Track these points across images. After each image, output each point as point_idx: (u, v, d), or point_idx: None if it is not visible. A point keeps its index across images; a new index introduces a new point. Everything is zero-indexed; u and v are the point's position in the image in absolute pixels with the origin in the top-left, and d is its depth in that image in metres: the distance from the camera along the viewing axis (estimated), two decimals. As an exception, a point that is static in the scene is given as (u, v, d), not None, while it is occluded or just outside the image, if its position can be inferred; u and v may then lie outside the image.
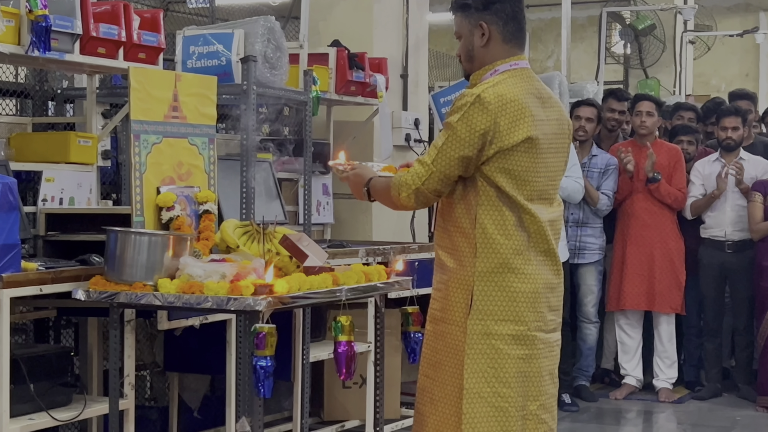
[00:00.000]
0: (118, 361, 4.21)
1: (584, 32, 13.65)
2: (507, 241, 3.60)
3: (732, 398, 7.56)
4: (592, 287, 7.46)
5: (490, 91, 3.56)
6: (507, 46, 3.70)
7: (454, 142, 3.55)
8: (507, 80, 3.62)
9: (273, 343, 3.78)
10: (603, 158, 7.40)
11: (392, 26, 7.06)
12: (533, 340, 3.65)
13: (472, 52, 3.72)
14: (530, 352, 3.65)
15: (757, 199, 7.25)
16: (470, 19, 3.71)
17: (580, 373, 7.52)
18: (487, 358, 3.60)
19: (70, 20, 4.59)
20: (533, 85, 3.69)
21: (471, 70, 3.75)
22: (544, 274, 3.67)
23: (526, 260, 3.62)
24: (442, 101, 7.49)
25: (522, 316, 3.63)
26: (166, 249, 4.07)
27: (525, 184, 3.61)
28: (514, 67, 3.68)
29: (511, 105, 3.56)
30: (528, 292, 3.63)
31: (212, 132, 4.67)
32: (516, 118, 3.56)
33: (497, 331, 3.60)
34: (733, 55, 14.69)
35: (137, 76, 4.35)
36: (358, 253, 5.68)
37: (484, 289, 3.61)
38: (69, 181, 4.98)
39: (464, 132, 3.54)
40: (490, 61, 3.69)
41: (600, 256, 7.47)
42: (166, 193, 4.41)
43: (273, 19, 5.51)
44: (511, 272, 3.61)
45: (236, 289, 3.87)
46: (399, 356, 6.03)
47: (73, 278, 4.14)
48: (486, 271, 3.60)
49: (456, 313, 3.65)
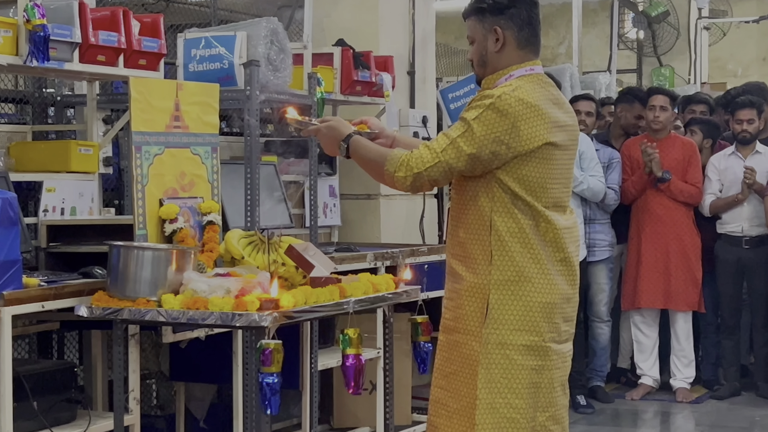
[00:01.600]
0: (123, 376, 4.18)
1: (596, 17, 13.49)
2: (523, 249, 3.55)
3: (751, 397, 7.46)
4: (603, 285, 7.36)
5: (510, 94, 3.51)
6: (522, 52, 3.64)
7: (467, 139, 3.49)
8: (524, 85, 3.57)
9: (279, 360, 3.72)
10: (606, 152, 7.30)
11: (398, 21, 6.97)
12: (547, 351, 3.61)
13: (485, 57, 3.66)
14: (543, 363, 3.61)
15: None
16: (484, 24, 3.64)
17: (594, 373, 7.42)
18: (501, 368, 3.57)
19: (68, 29, 4.52)
20: (549, 91, 3.64)
21: (483, 75, 3.69)
22: (560, 285, 3.62)
23: (543, 270, 3.57)
24: (450, 97, 7.41)
25: (537, 326, 3.58)
26: (169, 263, 4.03)
27: (542, 191, 3.56)
28: (530, 72, 3.63)
29: (531, 110, 3.51)
30: (544, 303, 3.58)
31: (215, 140, 4.61)
32: (536, 124, 3.51)
33: (512, 341, 3.56)
34: (749, 39, 14.49)
35: (138, 87, 4.29)
36: (366, 258, 5.61)
37: (501, 299, 3.56)
38: (70, 191, 4.92)
39: (480, 132, 3.48)
40: (504, 67, 3.63)
41: (610, 252, 7.37)
42: (168, 205, 4.36)
43: (276, 20, 5.44)
44: (528, 282, 3.56)
45: (241, 304, 3.83)
46: (409, 361, 5.95)
47: (76, 293, 4.09)
48: (502, 281, 3.55)
49: (470, 323, 3.60)
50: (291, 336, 4.79)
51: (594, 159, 7.02)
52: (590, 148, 7.02)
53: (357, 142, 3.68)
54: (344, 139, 3.68)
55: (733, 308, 7.48)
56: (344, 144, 3.68)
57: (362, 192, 6.65)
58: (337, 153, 3.74)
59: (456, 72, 10.03)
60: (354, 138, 3.69)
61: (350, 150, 3.68)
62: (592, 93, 8.26)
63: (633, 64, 12.30)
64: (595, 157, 7.06)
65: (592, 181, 6.91)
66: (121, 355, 4.14)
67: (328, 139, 3.73)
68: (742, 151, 7.36)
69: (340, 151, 3.70)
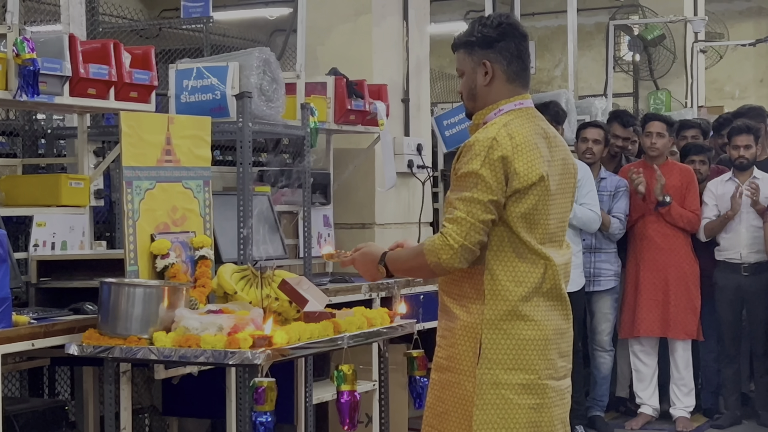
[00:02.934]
0: (114, 414, 4.15)
1: (592, 40, 13.53)
2: (516, 287, 3.51)
3: (752, 425, 7.40)
4: (607, 315, 7.30)
5: (503, 131, 3.49)
6: (511, 86, 3.62)
7: (483, 188, 3.45)
8: (514, 121, 3.55)
9: (273, 398, 3.71)
10: (612, 181, 7.25)
11: (392, 49, 6.95)
12: (544, 388, 3.56)
13: (474, 90, 3.64)
14: (541, 401, 3.56)
15: None
16: (473, 57, 3.62)
17: (594, 403, 7.35)
18: (496, 408, 3.51)
19: (58, 62, 4.51)
20: (539, 125, 3.62)
21: (474, 108, 3.67)
22: (553, 319, 3.58)
23: (534, 306, 3.54)
24: (445, 123, 7.40)
25: (532, 364, 3.54)
26: (161, 300, 4.01)
27: (537, 227, 3.53)
28: (519, 107, 3.61)
29: (524, 146, 3.49)
30: (537, 339, 3.54)
31: (207, 174, 4.60)
32: (530, 159, 3.49)
33: (507, 381, 3.51)
34: (746, 61, 14.53)
35: (129, 121, 4.29)
36: (360, 289, 5.58)
37: (493, 337, 3.51)
38: (61, 225, 4.89)
39: (491, 177, 3.45)
40: (493, 101, 3.61)
41: (615, 282, 7.29)
42: (160, 240, 4.34)
43: (268, 50, 5.42)
44: (519, 319, 3.52)
45: (234, 341, 3.82)
46: (405, 393, 5.89)
47: (66, 331, 4.08)
48: (494, 319, 3.51)
49: (464, 362, 3.56)
50: (285, 370, 4.77)
51: (589, 188, 6.93)
52: (587, 177, 6.93)
53: (392, 257, 3.65)
54: (380, 260, 3.66)
55: (732, 336, 7.42)
56: (381, 265, 3.66)
57: (357, 221, 6.62)
58: (378, 277, 3.71)
59: (451, 96, 10.04)
60: (388, 255, 3.66)
61: (389, 268, 3.65)
62: (588, 118, 8.23)
63: (629, 87, 12.32)
64: (592, 187, 6.97)
65: (580, 210, 6.78)
66: (112, 393, 4.11)
67: (364, 265, 3.71)
68: (740, 176, 7.32)
69: (380, 273, 3.67)
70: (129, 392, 4.36)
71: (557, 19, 13.13)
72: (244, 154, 5.04)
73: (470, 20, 3.83)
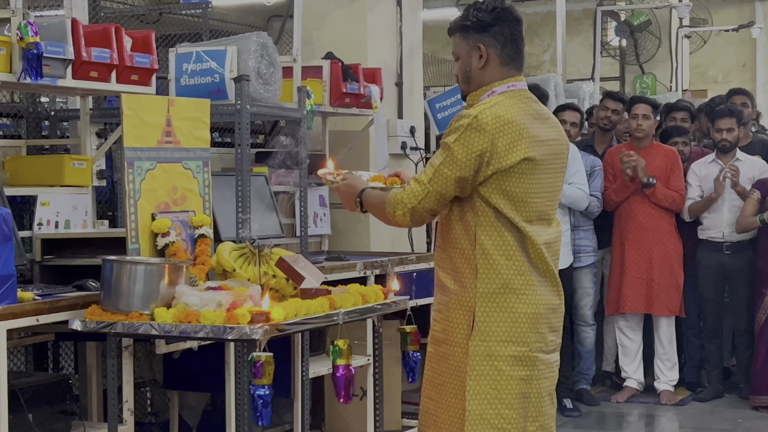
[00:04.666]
0: (117, 388, 4.20)
1: (580, 25, 13.59)
2: (508, 261, 3.60)
3: (734, 399, 7.55)
4: (588, 290, 7.46)
5: (488, 112, 3.55)
6: (504, 69, 3.69)
7: (451, 163, 3.55)
8: (504, 101, 3.61)
9: (271, 372, 3.76)
10: (588, 160, 7.37)
11: (386, 34, 7.03)
12: (534, 361, 3.65)
13: (469, 73, 3.72)
14: (531, 373, 3.65)
15: (755, 196, 7.24)
16: (468, 41, 3.70)
17: (580, 376, 7.51)
18: (489, 379, 3.60)
19: (61, 46, 4.57)
20: (531, 106, 3.68)
21: (468, 91, 3.75)
22: (545, 295, 3.66)
23: (527, 282, 3.62)
24: (437, 107, 7.48)
25: (524, 337, 3.62)
26: (161, 277, 4.06)
27: (523, 206, 3.60)
28: (512, 88, 3.67)
29: (509, 126, 3.55)
30: (530, 313, 3.62)
31: (206, 155, 4.66)
32: (514, 139, 3.55)
33: (499, 353, 3.60)
34: (729, 46, 14.59)
35: (130, 103, 4.34)
36: (355, 267, 5.66)
37: (486, 311, 3.60)
38: (64, 205, 4.95)
39: (461, 153, 3.53)
40: (487, 83, 3.68)
41: (594, 257, 7.46)
42: (161, 219, 4.40)
43: (266, 34, 5.49)
44: (512, 293, 3.60)
45: (233, 317, 3.86)
46: (399, 367, 6.01)
47: (70, 307, 4.13)
48: (487, 293, 3.60)
49: (458, 335, 3.64)
50: (282, 345, 4.83)
51: (578, 168, 7.09)
52: (576, 157, 7.09)
53: (366, 196, 3.75)
54: (358, 194, 3.76)
55: (715, 312, 7.57)
56: (358, 200, 3.76)
57: (351, 201, 6.69)
58: (354, 209, 3.80)
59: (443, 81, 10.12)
60: (365, 192, 3.75)
61: (362, 204, 3.76)
62: (577, 102, 8.35)
63: (616, 71, 12.41)
64: (581, 167, 7.13)
65: (569, 189, 6.92)
66: (114, 368, 4.17)
67: (345, 196, 3.81)
68: (723, 158, 7.45)
69: (357, 206, 3.77)
70: (131, 366, 4.40)
71: (546, 5, 13.19)
72: (242, 135, 5.11)
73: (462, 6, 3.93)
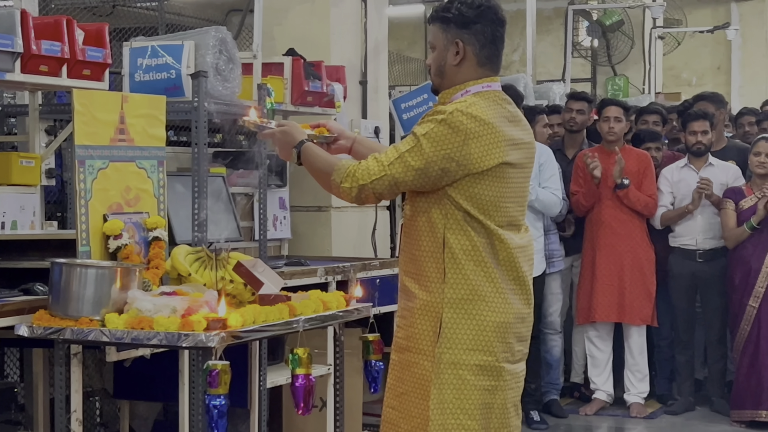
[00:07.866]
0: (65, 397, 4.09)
1: (550, 24, 13.53)
2: (477, 267, 3.51)
3: (705, 412, 7.45)
4: (557, 295, 7.36)
5: (464, 111, 3.46)
6: (480, 69, 3.60)
7: (416, 154, 3.45)
8: (479, 102, 3.51)
9: (227, 381, 3.65)
10: None
11: (350, 30, 6.89)
12: (500, 371, 3.57)
13: (443, 68, 3.61)
14: (497, 383, 3.57)
15: (729, 206, 7.13)
16: (447, 34, 3.59)
17: (549, 387, 7.39)
18: (453, 388, 3.53)
19: (10, 38, 4.43)
20: (506, 108, 3.59)
21: (440, 85, 3.64)
22: (514, 304, 3.58)
23: (497, 289, 3.53)
24: (403, 107, 7.37)
25: (490, 346, 3.55)
26: (113, 281, 3.93)
27: (495, 210, 3.51)
28: (487, 89, 3.58)
29: (485, 128, 3.46)
30: (498, 322, 3.54)
31: (161, 154, 4.52)
32: (489, 143, 3.46)
33: (465, 361, 3.52)
34: (704, 48, 14.58)
35: (81, 99, 4.19)
36: (316, 273, 5.53)
37: (454, 318, 3.52)
38: (11, 204, 4.82)
39: (428, 148, 3.43)
40: (461, 82, 3.59)
41: (563, 263, 7.34)
42: (113, 220, 4.26)
43: (225, 29, 5.36)
44: (481, 301, 3.52)
45: (188, 324, 3.75)
46: (360, 378, 5.87)
47: (16, 312, 4.00)
48: (456, 299, 3.51)
49: (423, 342, 3.56)
50: (239, 353, 4.72)
51: (552, 171, 6.97)
52: (550, 161, 6.97)
53: (308, 150, 3.63)
54: (296, 145, 3.63)
55: (687, 322, 7.46)
56: (296, 150, 3.62)
57: (313, 204, 6.56)
58: (290, 158, 3.69)
59: (409, 79, 10.02)
60: (306, 145, 3.64)
61: (301, 157, 3.63)
62: (546, 104, 8.24)
63: (587, 73, 12.36)
64: (555, 171, 7.02)
65: (543, 193, 6.84)
66: (63, 376, 4.05)
67: (282, 143, 3.69)
68: (695, 163, 7.35)
69: (293, 157, 3.65)
70: (80, 375, 4.26)
71: (516, 3, 13.09)
72: (199, 134, 4.99)
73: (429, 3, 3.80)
